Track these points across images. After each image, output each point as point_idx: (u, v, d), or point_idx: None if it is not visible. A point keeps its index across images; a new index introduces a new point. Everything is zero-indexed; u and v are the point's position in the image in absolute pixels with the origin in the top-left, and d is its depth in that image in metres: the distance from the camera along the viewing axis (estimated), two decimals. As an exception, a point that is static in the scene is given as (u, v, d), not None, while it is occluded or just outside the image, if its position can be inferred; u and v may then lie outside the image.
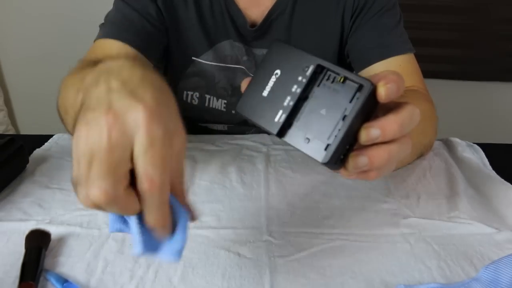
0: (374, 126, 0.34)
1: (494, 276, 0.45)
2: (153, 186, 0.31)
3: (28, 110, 1.95)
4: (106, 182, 0.30)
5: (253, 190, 0.63)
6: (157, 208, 0.32)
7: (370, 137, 0.34)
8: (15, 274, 0.46)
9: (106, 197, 0.30)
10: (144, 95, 0.32)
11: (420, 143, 0.67)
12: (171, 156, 0.32)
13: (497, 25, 1.66)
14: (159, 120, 0.31)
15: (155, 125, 0.31)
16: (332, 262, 0.49)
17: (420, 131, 0.58)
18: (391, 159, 0.35)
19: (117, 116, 0.30)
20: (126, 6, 0.75)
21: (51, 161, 0.71)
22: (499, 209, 0.59)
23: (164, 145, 0.31)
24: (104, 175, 0.30)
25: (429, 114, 0.70)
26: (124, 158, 0.30)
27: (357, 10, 0.78)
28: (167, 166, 0.31)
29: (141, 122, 0.30)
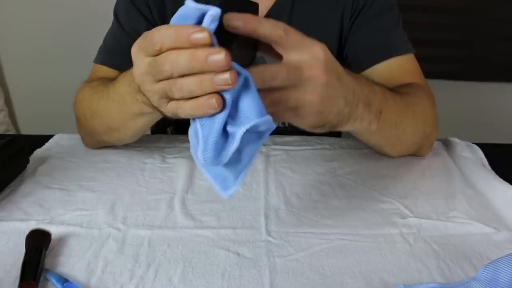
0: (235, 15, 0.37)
1: (493, 275, 0.45)
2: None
3: (28, 111, 1.95)
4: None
5: (253, 190, 0.63)
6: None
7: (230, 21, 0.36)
8: (15, 274, 0.46)
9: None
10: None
11: (390, 133, 0.62)
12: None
13: (497, 25, 1.66)
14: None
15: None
16: (332, 262, 0.49)
17: (393, 123, 0.59)
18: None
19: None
20: (119, 28, 0.79)
21: (51, 161, 0.71)
22: (498, 209, 0.59)
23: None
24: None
25: (419, 109, 0.66)
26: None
27: (356, 11, 0.78)
28: None
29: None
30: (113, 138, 0.68)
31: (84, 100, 0.68)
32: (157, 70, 0.37)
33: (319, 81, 0.41)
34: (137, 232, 0.54)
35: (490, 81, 1.76)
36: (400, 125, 0.61)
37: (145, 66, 0.38)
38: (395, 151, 0.70)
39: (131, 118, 0.58)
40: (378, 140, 0.64)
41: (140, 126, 0.62)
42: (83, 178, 0.66)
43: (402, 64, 0.76)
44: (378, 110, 0.54)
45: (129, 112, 0.57)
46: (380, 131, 0.57)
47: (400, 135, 0.63)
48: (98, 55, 0.80)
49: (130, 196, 0.62)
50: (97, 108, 0.64)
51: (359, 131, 0.56)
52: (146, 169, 0.69)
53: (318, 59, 0.41)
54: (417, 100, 0.66)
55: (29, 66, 1.86)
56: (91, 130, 0.69)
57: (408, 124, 0.63)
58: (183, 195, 0.62)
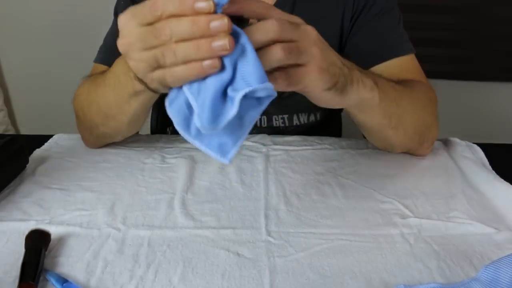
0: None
1: (493, 276, 0.45)
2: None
3: (28, 110, 1.95)
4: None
5: (253, 190, 0.63)
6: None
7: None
8: (15, 274, 0.46)
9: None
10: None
11: (391, 109, 0.61)
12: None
13: (497, 25, 1.66)
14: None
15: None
16: (332, 262, 0.49)
17: (392, 97, 0.59)
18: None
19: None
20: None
21: (51, 161, 0.71)
22: (498, 209, 0.59)
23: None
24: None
25: (416, 94, 0.67)
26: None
27: (357, 12, 0.78)
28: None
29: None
30: (110, 128, 0.67)
31: (83, 93, 0.68)
32: (154, 35, 0.37)
33: (313, 32, 0.43)
34: (136, 232, 0.54)
35: (490, 81, 1.76)
36: (399, 102, 0.61)
37: (137, 33, 0.39)
38: (399, 136, 0.67)
39: (126, 101, 0.57)
40: (382, 118, 0.62)
41: (135, 110, 0.60)
42: (82, 178, 0.66)
43: (403, 65, 0.76)
44: (373, 78, 0.54)
45: (124, 94, 0.56)
46: (382, 104, 0.57)
47: (402, 114, 0.62)
48: (98, 54, 0.80)
49: (129, 196, 0.61)
50: (94, 97, 0.64)
51: (365, 103, 0.55)
52: (146, 169, 0.69)
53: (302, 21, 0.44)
54: (414, 89, 0.66)
55: (29, 66, 1.86)
56: (90, 123, 0.69)
57: (408, 104, 0.63)
58: (183, 195, 0.62)
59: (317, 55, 0.43)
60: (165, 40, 0.37)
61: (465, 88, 1.78)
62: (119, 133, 0.71)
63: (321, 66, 0.44)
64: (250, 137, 0.79)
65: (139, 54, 0.40)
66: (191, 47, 0.36)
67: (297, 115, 0.85)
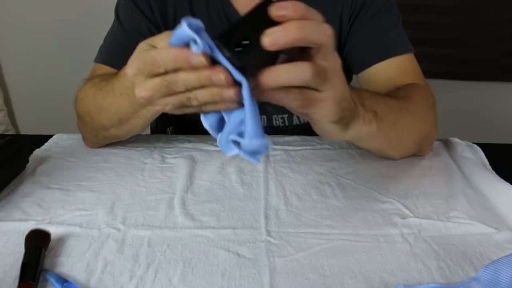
0: (282, 4, 0.37)
1: (493, 276, 0.45)
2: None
3: (28, 111, 1.95)
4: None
5: (253, 190, 0.63)
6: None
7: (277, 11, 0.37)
8: (14, 274, 0.46)
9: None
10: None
11: (390, 134, 0.62)
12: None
13: (497, 25, 1.66)
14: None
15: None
16: (332, 262, 0.49)
17: (391, 122, 0.60)
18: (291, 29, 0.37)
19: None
20: (119, 27, 0.78)
21: (51, 161, 0.71)
22: (498, 209, 0.59)
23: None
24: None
25: (415, 108, 0.67)
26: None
27: (355, 12, 0.78)
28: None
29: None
30: (123, 130, 0.67)
31: (87, 97, 0.68)
32: (170, 89, 0.41)
33: (339, 61, 0.43)
34: (136, 232, 0.54)
35: (490, 81, 1.76)
36: (398, 125, 0.61)
37: (153, 85, 0.42)
38: (398, 153, 0.70)
39: (143, 106, 0.59)
40: (380, 143, 0.64)
41: (152, 114, 0.61)
42: (82, 178, 0.66)
43: (401, 64, 0.76)
44: (372, 110, 0.55)
45: (137, 102, 0.57)
46: (381, 132, 0.57)
47: (400, 135, 0.63)
48: (99, 54, 0.80)
49: (129, 196, 0.61)
50: (103, 104, 0.64)
51: (363, 135, 0.56)
52: (146, 169, 0.69)
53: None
54: (412, 101, 0.66)
55: (29, 66, 1.86)
56: (98, 126, 0.69)
57: (406, 124, 0.63)
58: (183, 195, 0.62)
59: (338, 86, 0.43)
60: (180, 90, 0.41)
61: (465, 88, 1.78)
62: (131, 134, 0.71)
63: (337, 99, 0.43)
64: (250, 137, 0.79)
65: (164, 100, 0.43)
66: (206, 93, 0.40)
67: (297, 115, 0.85)
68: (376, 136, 0.58)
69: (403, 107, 0.63)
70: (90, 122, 0.70)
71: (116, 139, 0.73)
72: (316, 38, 0.38)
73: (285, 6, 0.37)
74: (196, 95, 0.41)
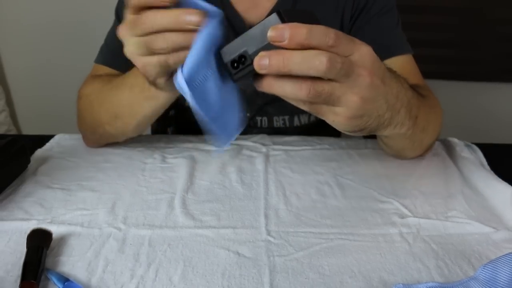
0: (280, 27, 0.36)
1: (492, 275, 0.45)
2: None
3: (29, 111, 1.96)
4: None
5: (253, 190, 0.64)
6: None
7: (272, 34, 0.36)
8: (16, 273, 0.47)
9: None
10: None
11: (418, 137, 0.62)
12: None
13: (497, 25, 1.66)
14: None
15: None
16: (331, 262, 0.49)
17: (422, 127, 0.59)
18: (289, 67, 0.36)
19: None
20: None
21: (52, 161, 0.71)
22: (496, 208, 0.59)
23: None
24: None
25: (438, 111, 0.68)
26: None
27: (356, 12, 0.78)
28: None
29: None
30: (116, 129, 0.68)
31: (93, 92, 0.70)
32: (139, 27, 0.44)
33: (364, 81, 0.39)
34: (137, 231, 0.54)
35: (490, 81, 1.76)
36: (427, 129, 0.62)
37: (129, 21, 0.45)
38: (415, 153, 0.70)
39: (139, 103, 0.60)
40: (407, 144, 0.64)
41: (145, 113, 0.63)
42: (83, 178, 0.66)
43: (402, 65, 0.76)
44: (415, 115, 0.53)
45: (139, 95, 0.59)
46: (412, 136, 0.57)
47: (424, 137, 0.64)
48: (99, 55, 0.80)
49: (130, 196, 0.62)
50: (107, 95, 0.66)
51: (394, 136, 0.55)
52: (147, 169, 0.69)
53: (365, 60, 0.40)
54: (435, 103, 0.67)
55: (30, 67, 1.86)
56: (95, 121, 0.69)
57: (431, 128, 0.64)
58: (184, 195, 0.62)
59: (355, 103, 0.40)
60: (145, 27, 0.43)
61: (465, 88, 1.78)
62: (124, 135, 0.72)
63: (353, 115, 0.40)
64: (250, 137, 0.80)
65: (132, 38, 0.45)
66: (167, 36, 0.42)
67: (297, 116, 0.86)
68: (405, 138, 0.57)
69: (431, 110, 0.62)
70: (88, 117, 0.70)
71: (112, 138, 0.74)
72: (304, 71, 0.36)
73: (281, 33, 0.36)
74: (161, 36, 0.42)
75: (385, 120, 0.46)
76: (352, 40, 0.39)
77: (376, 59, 0.41)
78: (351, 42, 0.39)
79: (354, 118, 0.41)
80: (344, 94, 0.39)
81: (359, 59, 0.39)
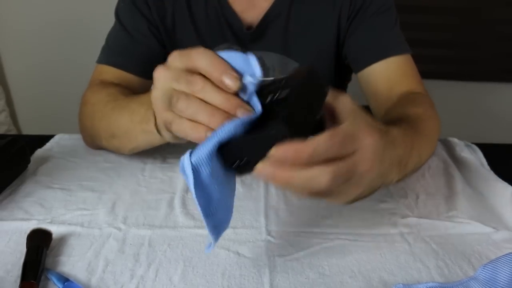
0: (284, 149, 0.35)
1: (492, 275, 0.45)
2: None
3: (29, 111, 1.96)
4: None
5: (253, 190, 0.64)
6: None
7: (276, 154, 0.35)
8: (16, 273, 0.47)
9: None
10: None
11: (410, 171, 0.61)
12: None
13: (496, 25, 1.66)
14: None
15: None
16: (331, 262, 0.49)
17: (414, 163, 0.58)
18: (291, 184, 0.37)
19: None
20: (121, 28, 0.79)
21: (52, 161, 0.71)
22: (497, 208, 0.59)
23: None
24: None
25: (433, 133, 0.66)
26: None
27: (354, 11, 0.78)
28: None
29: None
30: (112, 146, 0.68)
31: (98, 103, 0.69)
32: (186, 80, 0.39)
33: (365, 178, 0.40)
34: (137, 231, 0.54)
35: (490, 81, 1.76)
36: (420, 160, 0.61)
37: (175, 70, 0.40)
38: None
39: (135, 132, 0.58)
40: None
41: (139, 143, 0.62)
42: (84, 178, 0.66)
43: (400, 65, 0.76)
44: (405, 164, 0.53)
45: (136, 124, 0.57)
46: (401, 176, 0.56)
47: (417, 164, 0.63)
48: (101, 55, 0.80)
49: (130, 196, 0.62)
50: (109, 113, 0.64)
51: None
52: (147, 169, 0.69)
53: (367, 155, 0.39)
54: (430, 124, 0.65)
55: (30, 67, 1.87)
56: (94, 133, 0.69)
57: (425, 153, 0.64)
58: (183, 194, 0.62)
59: (352, 196, 0.41)
60: (192, 89, 0.39)
61: (465, 88, 1.78)
62: (120, 152, 0.70)
63: (349, 201, 0.42)
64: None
65: (165, 86, 0.41)
66: (206, 111, 0.38)
67: None
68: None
69: (425, 137, 0.61)
70: (90, 127, 0.70)
71: (109, 150, 0.73)
72: (307, 189, 0.37)
73: (285, 155, 0.35)
74: (193, 101, 0.39)
75: (377, 188, 0.46)
76: (356, 138, 0.39)
77: (378, 150, 0.40)
78: (355, 142, 0.38)
79: (349, 201, 0.42)
80: (342, 190, 0.40)
81: (362, 156, 0.39)
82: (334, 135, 0.36)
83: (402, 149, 0.50)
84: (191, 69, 0.40)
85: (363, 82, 0.80)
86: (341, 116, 0.40)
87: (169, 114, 0.41)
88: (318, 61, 0.83)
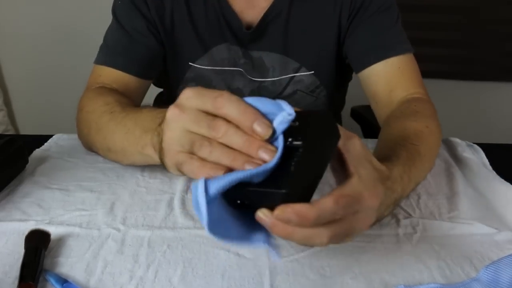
0: (288, 212, 0.35)
1: (494, 276, 0.45)
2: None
3: (27, 111, 1.96)
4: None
5: (253, 190, 0.63)
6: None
7: (278, 214, 0.35)
8: (14, 274, 0.46)
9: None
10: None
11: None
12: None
13: (497, 25, 1.66)
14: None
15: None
16: (332, 262, 0.49)
17: (410, 190, 0.57)
18: (291, 238, 0.37)
19: None
20: (118, 27, 0.78)
21: (50, 161, 0.71)
22: (499, 209, 0.59)
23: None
24: None
25: (433, 152, 0.65)
26: None
27: (354, 10, 0.78)
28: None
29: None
30: (109, 158, 0.67)
31: (94, 112, 0.67)
32: (208, 124, 0.37)
33: (363, 229, 0.41)
34: (136, 232, 0.54)
35: (490, 81, 1.76)
36: (416, 186, 0.60)
37: (194, 111, 0.38)
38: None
39: (131, 151, 0.57)
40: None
41: (135, 161, 0.61)
42: (82, 178, 0.66)
43: (400, 66, 0.76)
44: (400, 199, 0.53)
45: (132, 144, 0.55)
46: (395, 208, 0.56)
47: (412, 189, 0.61)
48: (100, 55, 0.79)
49: (129, 197, 0.61)
50: (105, 127, 0.63)
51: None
52: (146, 169, 0.69)
53: (368, 213, 0.40)
54: (430, 142, 0.63)
55: (28, 66, 1.86)
56: (91, 143, 0.69)
57: (423, 176, 0.63)
58: (183, 195, 0.62)
59: (345, 240, 0.41)
60: (214, 135, 0.37)
61: (465, 88, 1.78)
62: (117, 163, 0.68)
63: (347, 240, 0.41)
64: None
65: (183, 128, 0.39)
66: (229, 156, 0.36)
67: None
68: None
69: (425, 159, 0.60)
70: (86, 135, 0.69)
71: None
72: (306, 245, 0.38)
73: (288, 218, 0.34)
74: (216, 148, 0.37)
75: (372, 224, 0.45)
76: (360, 200, 0.38)
77: (378, 206, 0.41)
78: (359, 203, 0.38)
79: (348, 240, 0.41)
80: (337, 241, 0.40)
81: (363, 216, 0.39)
82: (340, 199, 0.36)
83: (400, 188, 0.50)
84: (211, 112, 0.38)
85: (363, 82, 0.80)
86: (348, 161, 0.40)
87: (183, 156, 0.39)
88: (318, 60, 0.82)
